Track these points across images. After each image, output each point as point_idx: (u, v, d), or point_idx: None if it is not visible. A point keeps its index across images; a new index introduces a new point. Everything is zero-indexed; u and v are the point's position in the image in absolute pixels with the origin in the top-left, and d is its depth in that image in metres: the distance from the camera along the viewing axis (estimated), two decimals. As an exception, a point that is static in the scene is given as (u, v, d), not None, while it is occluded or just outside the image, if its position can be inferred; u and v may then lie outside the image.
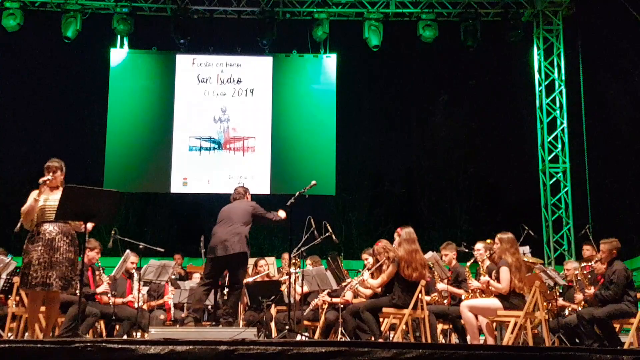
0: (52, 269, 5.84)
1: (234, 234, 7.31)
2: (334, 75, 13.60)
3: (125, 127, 13.33)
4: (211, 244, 7.39)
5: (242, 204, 7.68)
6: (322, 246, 8.26)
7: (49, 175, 6.03)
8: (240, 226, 7.37)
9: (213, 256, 7.36)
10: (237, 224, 7.38)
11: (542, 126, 13.45)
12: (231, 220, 7.42)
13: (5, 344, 3.49)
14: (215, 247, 7.32)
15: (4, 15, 12.36)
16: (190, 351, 3.62)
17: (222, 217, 7.52)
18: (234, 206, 7.65)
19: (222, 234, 7.32)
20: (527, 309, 6.55)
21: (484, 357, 3.91)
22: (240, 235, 7.32)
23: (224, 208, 7.67)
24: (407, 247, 7.15)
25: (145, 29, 13.76)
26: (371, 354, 3.81)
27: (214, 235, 7.41)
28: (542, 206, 13.24)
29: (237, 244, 7.27)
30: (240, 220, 7.42)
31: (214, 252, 7.34)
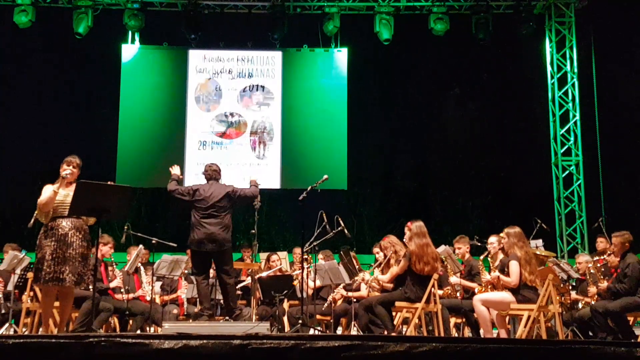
0: (65, 264, 5.88)
1: (221, 227, 7.28)
2: (345, 69, 13.58)
3: (137, 122, 13.37)
4: (197, 236, 7.30)
5: (221, 187, 7.56)
6: (334, 241, 8.24)
7: (68, 169, 6.05)
8: (226, 216, 7.34)
9: (197, 249, 7.34)
10: (222, 213, 7.33)
11: (554, 119, 13.38)
12: (215, 208, 7.33)
13: (20, 339, 3.51)
14: (202, 241, 7.27)
15: (16, 11, 12.42)
16: (204, 345, 3.62)
17: (203, 204, 7.38)
18: (213, 190, 7.48)
19: (209, 227, 7.26)
20: (540, 302, 6.53)
21: (498, 350, 3.89)
22: (228, 228, 7.33)
23: (202, 192, 7.48)
24: (418, 241, 7.14)
25: (156, 24, 13.78)
26: (384, 348, 3.80)
27: (199, 228, 7.30)
28: (555, 199, 13.18)
29: (224, 238, 7.29)
30: (224, 208, 7.36)
31: (198, 246, 7.31)
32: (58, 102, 22.66)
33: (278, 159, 13.32)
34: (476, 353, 3.82)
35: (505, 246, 6.93)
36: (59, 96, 22.52)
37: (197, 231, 7.32)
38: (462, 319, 8.01)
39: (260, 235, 7.66)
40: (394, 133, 23.25)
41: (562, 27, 13.51)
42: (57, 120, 22.63)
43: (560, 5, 13.42)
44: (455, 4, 13.21)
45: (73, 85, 21.80)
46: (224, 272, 7.38)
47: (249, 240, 9.10)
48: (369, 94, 21.43)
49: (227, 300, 7.37)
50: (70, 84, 21.96)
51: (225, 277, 7.36)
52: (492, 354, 3.87)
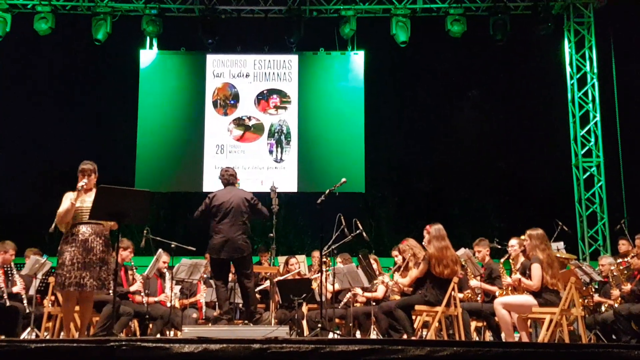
0: (86, 269, 5.91)
1: (241, 233, 7.21)
2: (361, 72, 13.56)
3: (156, 127, 13.44)
4: (215, 242, 7.22)
5: (240, 193, 7.47)
6: (352, 244, 8.22)
7: (84, 179, 6.11)
8: (244, 223, 7.26)
9: (217, 257, 7.26)
10: (241, 220, 7.24)
11: (574, 120, 13.27)
12: (235, 215, 7.24)
13: (42, 343, 3.53)
14: (220, 247, 7.19)
15: (36, 19, 12.54)
16: (224, 349, 3.62)
17: (221, 210, 7.28)
18: (232, 196, 7.39)
19: (227, 233, 7.17)
20: (562, 305, 6.46)
21: (520, 354, 3.86)
22: (246, 235, 7.27)
23: (220, 197, 7.39)
24: (437, 244, 7.10)
25: (173, 30, 13.86)
26: (405, 352, 3.78)
27: (218, 234, 7.23)
28: (576, 201, 13.06)
29: (245, 245, 7.23)
30: (242, 214, 7.27)
31: (217, 253, 7.22)
32: (78, 108, 22.85)
33: (295, 162, 13.33)
34: (498, 357, 3.78)
35: (527, 248, 6.85)
36: (79, 101, 22.72)
37: (216, 237, 7.26)
38: (482, 323, 7.95)
39: (278, 239, 7.64)
40: (412, 135, 23.17)
41: (581, 27, 13.40)
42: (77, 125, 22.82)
43: (578, 5, 13.32)
44: (472, 5, 13.15)
45: (92, 90, 21.98)
46: (244, 277, 7.33)
47: (267, 244, 9.10)
48: (385, 96, 21.37)
49: (248, 304, 7.34)
50: (89, 90, 22.14)
51: (245, 281, 7.32)
52: (514, 358, 3.83)
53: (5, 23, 12.46)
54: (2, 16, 12.44)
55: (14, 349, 3.47)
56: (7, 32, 12.53)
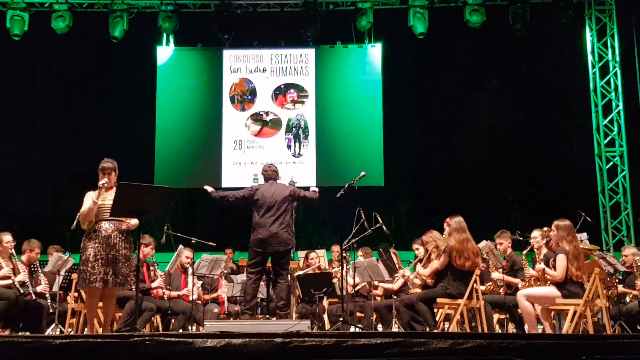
0: (109, 265, 5.97)
1: (285, 227, 7.24)
2: (379, 65, 13.49)
3: (174, 124, 13.48)
4: (260, 236, 7.25)
5: (281, 188, 7.54)
6: (372, 238, 8.19)
7: (105, 178, 6.16)
8: (288, 217, 7.31)
9: (262, 250, 7.29)
10: (284, 214, 7.29)
11: (596, 109, 13.11)
12: (276, 209, 7.29)
13: (67, 339, 3.54)
14: (265, 241, 7.22)
15: (53, 17, 12.62)
16: (246, 344, 3.62)
17: (265, 204, 7.34)
18: (274, 191, 7.45)
19: (271, 228, 7.22)
20: (586, 296, 6.39)
21: (544, 346, 3.82)
22: (290, 229, 7.30)
23: (263, 192, 7.45)
24: (457, 237, 7.07)
25: (190, 26, 13.88)
26: (427, 345, 3.75)
27: (262, 228, 7.26)
28: (599, 191, 12.91)
29: (288, 239, 7.27)
30: (285, 209, 7.32)
31: (263, 247, 7.26)
32: (96, 105, 23.03)
33: (314, 157, 13.31)
34: (522, 349, 3.75)
35: (554, 239, 6.78)
36: (97, 99, 22.89)
37: (259, 231, 7.28)
38: (505, 315, 7.90)
39: (297, 234, 7.65)
40: (431, 128, 23.08)
41: (603, 15, 13.22)
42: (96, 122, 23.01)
43: (599, -8, 13.15)
44: (491, -6, 13.00)
45: (110, 88, 22.12)
46: (283, 270, 7.37)
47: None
48: (404, 89, 21.28)
49: (282, 297, 7.34)
50: (107, 87, 22.29)
51: (284, 273, 7.36)
52: (538, 349, 3.80)
53: (23, 22, 12.55)
54: (20, 15, 12.53)
55: (39, 345, 3.50)
56: (25, 30, 12.61)
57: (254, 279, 7.35)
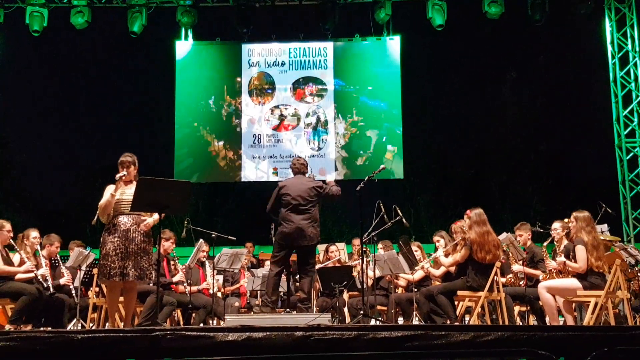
0: (128, 259, 6.00)
1: (311, 222, 7.17)
2: (397, 57, 13.43)
3: (193, 118, 13.52)
4: (286, 230, 7.17)
5: (308, 182, 7.42)
6: (391, 231, 8.18)
7: (123, 172, 6.19)
8: (314, 212, 7.24)
9: (286, 244, 7.24)
10: (310, 208, 7.21)
11: (616, 100, 12.96)
12: (304, 204, 7.21)
13: (89, 333, 3.58)
14: (291, 235, 7.15)
15: (72, 13, 12.69)
16: (267, 337, 3.63)
17: (291, 198, 7.27)
18: (300, 185, 7.36)
19: (298, 222, 7.14)
20: (608, 287, 6.34)
21: (566, 338, 3.80)
22: (316, 223, 7.23)
23: (290, 186, 7.37)
24: (478, 230, 7.03)
25: (208, 20, 13.90)
26: (448, 337, 3.74)
27: (289, 223, 7.18)
28: (620, 182, 12.78)
29: (314, 234, 7.19)
30: (311, 203, 7.24)
31: (288, 241, 7.19)
32: (116, 100, 23.19)
33: (333, 150, 13.30)
34: (544, 341, 3.73)
35: (573, 230, 6.73)
36: (117, 94, 23.05)
37: (286, 225, 7.21)
38: (526, 307, 7.85)
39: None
40: (450, 120, 23.00)
41: (622, 5, 13.05)
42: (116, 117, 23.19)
43: (619, -18, 12.99)
44: (509, -15, 12.87)
45: (130, 83, 22.26)
46: (308, 265, 7.31)
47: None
48: (423, 81, 21.22)
49: (304, 291, 7.32)
50: (127, 82, 22.43)
51: (308, 268, 7.29)
52: (560, 341, 3.77)
53: (43, 18, 12.63)
54: (40, 11, 12.61)
55: (61, 340, 3.53)
56: (45, 26, 12.70)
57: (276, 272, 7.28)
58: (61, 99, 23.49)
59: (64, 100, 23.53)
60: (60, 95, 23.35)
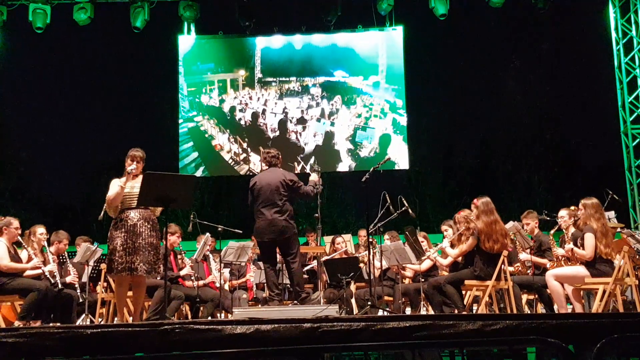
0: (136, 254, 6.00)
1: (281, 215, 7.01)
2: (400, 48, 13.40)
3: (197, 112, 13.53)
4: (258, 225, 7.09)
5: (277, 174, 7.23)
6: (397, 221, 8.17)
7: (133, 165, 6.18)
8: (285, 203, 7.06)
9: (262, 240, 7.16)
10: (280, 201, 7.04)
11: (621, 86, 12.90)
12: (273, 197, 7.04)
13: (98, 328, 3.59)
14: (264, 229, 7.05)
15: (75, 9, 12.68)
16: (276, 329, 3.64)
17: (262, 191, 7.10)
18: (271, 178, 7.17)
19: (269, 216, 7.00)
20: (616, 275, 6.33)
21: (575, 325, 3.79)
22: (287, 216, 7.06)
23: (259, 180, 7.23)
24: (485, 219, 7.00)
25: (210, 14, 13.88)
26: (456, 327, 3.75)
27: (260, 217, 7.08)
28: (626, 169, 12.73)
29: (286, 226, 7.03)
30: (282, 195, 7.06)
31: (261, 236, 7.11)
32: (120, 95, 23.20)
33: (338, 141, 13.29)
34: (553, 329, 3.72)
35: (582, 218, 6.71)
36: (121, 89, 23.05)
37: (258, 220, 7.13)
38: (534, 296, 7.84)
39: (322, 219, 7.58)
40: (454, 109, 22.94)
41: (626, -9, 12.98)
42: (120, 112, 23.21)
43: (622, -33, 12.90)
44: (512, -27, 12.81)
45: (133, 78, 22.25)
46: (289, 257, 7.26)
47: (312, 224, 9.08)
48: (426, 71, 21.16)
49: (293, 284, 7.31)
50: (130, 77, 22.43)
51: (291, 262, 7.24)
52: (569, 329, 3.77)
53: (45, 15, 12.63)
54: (42, 8, 12.61)
55: (71, 335, 3.54)
56: (48, 23, 12.70)
57: (268, 268, 7.25)
58: (65, 96, 23.54)
59: (68, 96, 23.56)
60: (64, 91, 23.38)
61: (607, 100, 14.07)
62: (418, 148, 19.93)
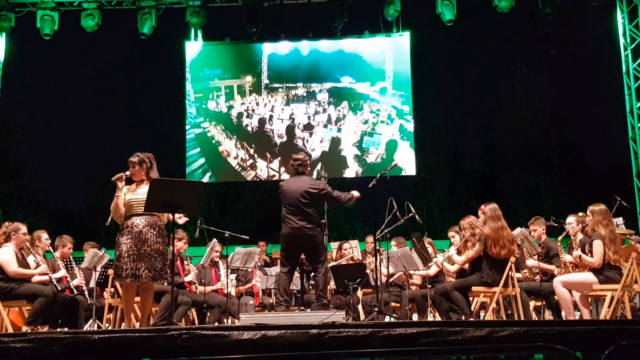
0: (141, 260, 5.99)
1: (308, 223, 7.04)
2: (407, 53, 13.40)
3: (205, 118, 13.56)
4: (285, 232, 7.13)
5: (304, 181, 7.25)
6: (404, 227, 8.16)
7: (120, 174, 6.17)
8: (311, 213, 7.09)
9: (287, 246, 7.20)
10: (306, 209, 7.06)
11: (629, 92, 12.84)
12: (297, 204, 7.07)
13: (105, 333, 3.59)
14: (290, 237, 7.10)
15: (83, 16, 12.74)
16: (282, 335, 3.64)
17: (287, 198, 7.14)
18: (297, 185, 7.19)
19: (295, 223, 7.04)
20: (624, 281, 6.30)
21: (583, 332, 3.78)
22: (313, 224, 7.09)
23: (287, 186, 7.24)
24: (492, 225, 6.98)
25: (217, 20, 13.93)
26: (464, 333, 3.74)
27: (287, 224, 7.11)
28: (634, 175, 12.67)
29: (313, 234, 7.07)
30: (308, 204, 7.08)
31: (288, 243, 7.15)
32: (127, 102, 23.28)
33: (345, 147, 13.29)
34: (561, 336, 3.71)
35: (589, 225, 6.69)
36: (128, 96, 23.15)
37: (284, 226, 7.16)
38: (542, 302, 7.81)
39: (329, 224, 7.57)
40: (461, 115, 22.95)
41: (634, -4, 12.94)
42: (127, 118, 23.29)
43: (630, -27, 12.87)
44: (520, -22, 12.77)
45: (141, 84, 22.33)
46: (317, 263, 7.23)
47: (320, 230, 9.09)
48: (433, 77, 21.17)
49: (317, 289, 7.28)
50: (138, 83, 22.52)
51: (318, 267, 7.21)
52: (577, 336, 3.75)
53: (53, 21, 12.69)
54: (50, 15, 12.68)
55: (78, 340, 3.55)
56: (56, 30, 12.76)
57: (285, 272, 7.23)
58: (72, 102, 23.64)
59: (75, 102, 23.67)
60: (71, 97, 23.49)
61: (616, 106, 14.03)
62: (425, 154, 19.92)
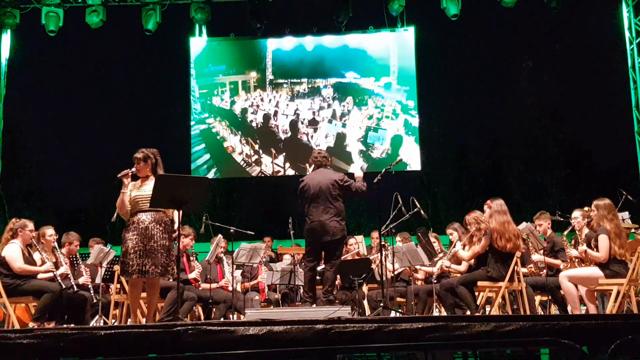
0: (147, 256, 6.00)
1: (333, 216, 7.05)
2: (412, 48, 13.38)
3: (209, 114, 13.57)
4: (310, 226, 7.12)
5: (327, 175, 7.28)
6: (409, 222, 8.16)
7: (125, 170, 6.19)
8: (337, 206, 7.10)
9: (312, 240, 7.18)
10: (333, 202, 7.08)
11: (635, 86, 12.79)
12: (324, 198, 7.08)
13: (112, 329, 3.61)
14: (314, 231, 7.09)
15: (87, 12, 12.74)
16: (288, 331, 3.64)
17: (313, 193, 7.14)
18: (320, 179, 7.22)
19: (320, 217, 7.04)
20: (630, 276, 6.29)
21: (589, 327, 3.78)
22: (339, 218, 7.10)
23: (311, 181, 7.24)
24: (499, 219, 6.98)
25: (222, 16, 13.91)
26: (469, 328, 3.74)
27: (312, 218, 7.11)
28: (640, 169, 12.65)
29: (337, 228, 7.07)
30: (332, 197, 7.09)
31: (313, 237, 7.13)
32: (132, 98, 23.29)
33: (350, 142, 13.29)
34: (567, 330, 3.71)
35: (595, 219, 6.68)
36: (133, 92, 23.15)
37: (308, 221, 7.16)
38: (547, 297, 7.80)
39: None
40: (466, 110, 22.88)
41: (639, -10, 12.88)
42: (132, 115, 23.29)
43: (636, -34, 12.80)
44: (525, -28, 12.72)
45: (145, 80, 22.33)
46: (332, 258, 7.22)
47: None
48: (437, 71, 21.12)
49: (326, 284, 7.27)
50: (142, 79, 22.51)
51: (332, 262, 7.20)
52: (583, 330, 3.75)
53: (58, 18, 12.69)
54: (55, 11, 12.67)
55: (85, 336, 3.56)
56: (60, 26, 12.77)
57: (309, 268, 7.23)
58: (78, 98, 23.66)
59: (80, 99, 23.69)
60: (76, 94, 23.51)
61: (621, 101, 13.97)
62: (430, 149, 19.87)
